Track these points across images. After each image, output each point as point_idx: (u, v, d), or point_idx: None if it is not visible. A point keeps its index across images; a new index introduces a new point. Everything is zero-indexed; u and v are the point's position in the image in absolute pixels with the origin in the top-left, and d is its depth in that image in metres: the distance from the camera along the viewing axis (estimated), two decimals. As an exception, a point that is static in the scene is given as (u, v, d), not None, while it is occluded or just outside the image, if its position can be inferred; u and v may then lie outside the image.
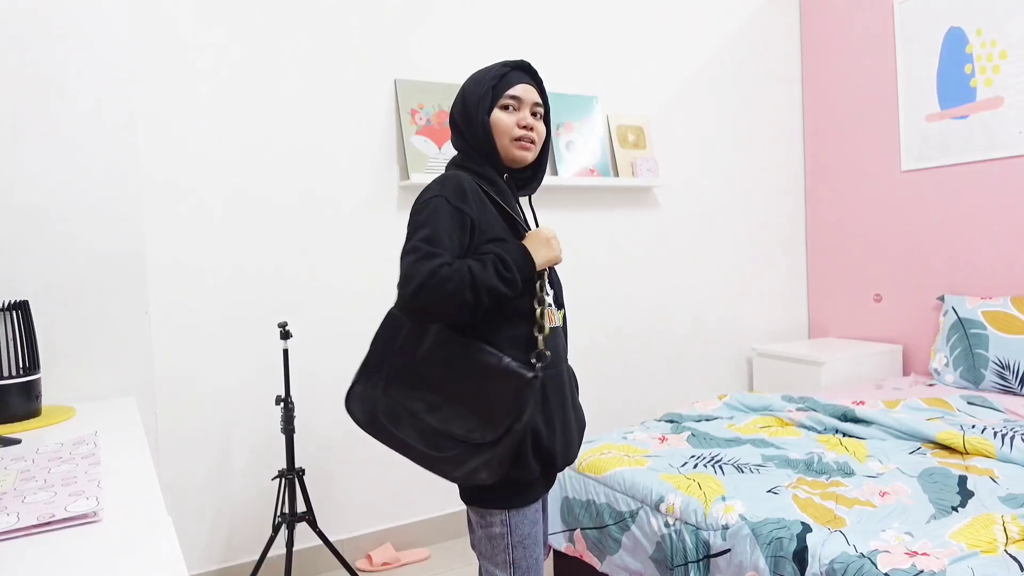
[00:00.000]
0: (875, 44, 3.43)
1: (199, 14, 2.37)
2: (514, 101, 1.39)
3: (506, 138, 1.39)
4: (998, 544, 1.46)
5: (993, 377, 2.79)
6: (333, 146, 2.60)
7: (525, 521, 1.32)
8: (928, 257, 3.27)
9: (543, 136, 1.44)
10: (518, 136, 1.39)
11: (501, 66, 1.42)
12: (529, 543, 1.33)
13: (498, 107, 1.39)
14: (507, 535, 1.32)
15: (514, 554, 1.32)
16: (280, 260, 2.51)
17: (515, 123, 1.39)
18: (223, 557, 2.43)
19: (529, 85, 1.41)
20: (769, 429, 2.41)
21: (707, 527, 1.73)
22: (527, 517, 1.33)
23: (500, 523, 1.32)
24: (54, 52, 1.65)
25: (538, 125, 1.42)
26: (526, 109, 1.40)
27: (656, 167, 3.21)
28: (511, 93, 1.39)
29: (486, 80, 1.40)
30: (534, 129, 1.40)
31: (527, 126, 1.39)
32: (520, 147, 1.39)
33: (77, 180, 1.68)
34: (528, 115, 1.40)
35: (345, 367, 2.61)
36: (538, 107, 1.42)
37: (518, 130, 1.39)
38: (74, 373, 1.68)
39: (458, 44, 2.84)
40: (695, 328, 3.47)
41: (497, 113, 1.39)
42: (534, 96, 1.41)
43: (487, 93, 1.39)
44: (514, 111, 1.39)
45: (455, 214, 1.26)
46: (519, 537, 1.32)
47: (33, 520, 0.83)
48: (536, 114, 1.42)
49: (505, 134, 1.39)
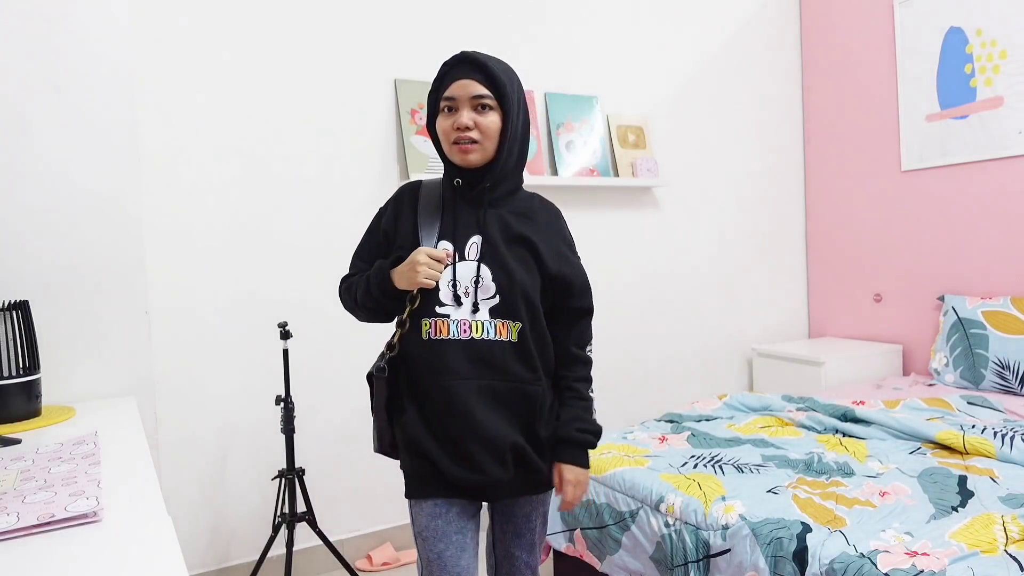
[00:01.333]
0: (875, 44, 3.43)
1: (199, 14, 2.37)
2: (450, 102, 1.34)
3: (447, 142, 1.36)
4: (998, 544, 1.46)
5: (993, 377, 2.79)
6: (333, 146, 2.60)
7: (422, 514, 1.37)
8: (928, 257, 3.27)
9: (491, 129, 1.34)
10: (455, 140, 1.34)
11: (441, 66, 1.38)
12: (428, 536, 1.36)
13: (440, 112, 1.37)
14: (412, 523, 1.41)
15: (416, 542, 1.40)
16: (280, 260, 2.51)
17: (451, 126, 1.34)
18: (223, 557, 2.43)
19: (468, 79, 1.33)
20: (769, 429, 2.41)
21: (707, 527, 1.73)
22: (424, 510, 1.37)
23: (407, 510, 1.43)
24: (54, 52, 1.65)
25: (481, 119, 1.33)
26: (465, 107, 1.33)
27: (656, 167, 3.21)
28: (446, 95, 1.34)
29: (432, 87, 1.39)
30: (475, 127, 1.33)
31: (461, 127, 1.32)
32: (459, 150, 1.34)
33: (77, 181, 1.68)
34: (467, 114, 1.32)
35: (345, 367, 2.61)
36: (482, 99, 1.33)
37: (454, 132, 1.34)
38: (74, 373, 1.68)
39: (458, 44, 2.83)
40: (695, 328, 3.47)
41: (439, 119, 1.37)
42: (474, 89, 1.32)
43: (430, 99, 1.39)
44: (452, 112, 1.35)
45: (375, 224, 1.49)
46: (418, 528, 1.39)
47: (33, 520, 0.83)
48: (483, 107, 1.33)
49: (446, 139, 1.36)
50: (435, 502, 1.37)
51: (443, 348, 1.34)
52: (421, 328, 1.35)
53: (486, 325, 1.34)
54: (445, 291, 1.34)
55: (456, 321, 1.34)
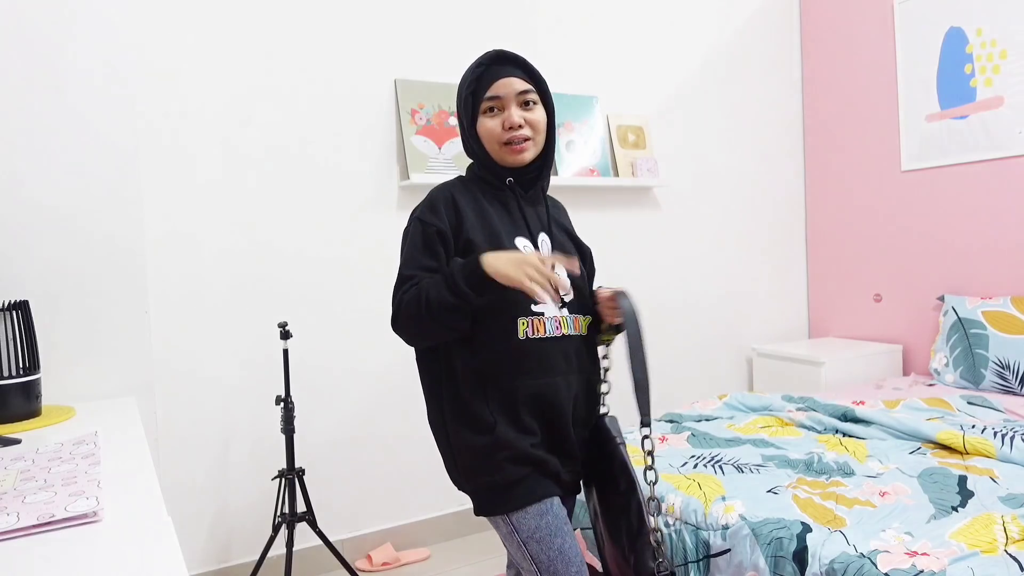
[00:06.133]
0: (875, 44, 3.42)
1: (200, 14, 2.37)
2: (495, 102, 1.32)
3: (495, 144, 1.33)
4: (998, 544, 1.46)
5: (993, 377, 2.79)
6: (333, 146, 2.60)
7: (527, 518, 1.29)
8: (928, 257, 3.27)
9: (541, 124, 1.35)
10: (506, 140, 1.32)
11: (475, 66, 1.34)
12: (541, 535, 1.29)
13: (481, 113, 1.33)
14: (515, 533, 1.30)
15: (530, 550, 1.30)
16: (280, 260, 2.51)
17: (500, 126, 1.32)
18: (223, 557, 2.43)
19: (510, 77, 1.32)
20: (769, 429, 2.41)
21: (707, 527, 1.73)
22: (528, 514, 1.29)
23: (503, 523, 1.32)
24: (54, 52, 1.65)
25: (531, 115, 1.33)
26: (512, 104, 1.32)
27: (656, 167, 3.21)
28: (490, 94, 1.31)
29: (464, 87, 1.34)
30: (526, 124, 1.32)
31: (513, 125, 1.31)
32: (512, 151, 1.33)
33: (77, 180, 1.68)
34: (515, 112, 1.31)
35: (345, 367, 2.61)
36: (527, 94, 1.33)
37: (505, 133, 1.31)
38: (74, 373, 1.68)
39: (458, 44, 2.84)
40: (695, 328, 3.47)
41: (482, 120, 1.33)
42: (519, 86, 1.32)
43: (467, 101, 1.34)
44: (498, 112, 1.32)
45: (426, 229, 1.31)
46: (525, 535, 1.29)
47: (33, 520, 0.83)
48: (528, 102, 1.33)
49: (494, 140, 1.33)
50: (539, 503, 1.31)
51: (541, 346, 1.31)
52: (517, 328, 1.29)
53: (569, 321, 1.36)
54: None
55: (551, 319, 1.33)
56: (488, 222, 1.33)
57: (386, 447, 2.70)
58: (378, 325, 2.64)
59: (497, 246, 1.29)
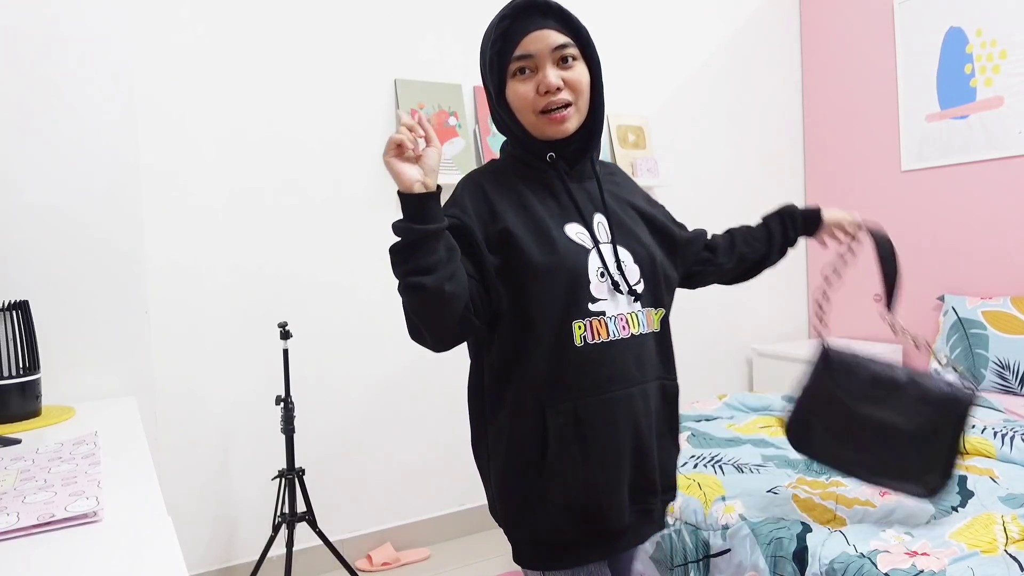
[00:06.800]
0: (875, 44, 3.42)
1: (199, 13, 2.37)
2: (526, 61, 1.06)
3: (530, 114, 1.09)
4: (998, 544, 1.46)
5: (993, 377, 2.79)
6: (333, 146, 2.60)
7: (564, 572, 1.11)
8: (928, 257, 3.27)
9: (583, 84, 1.09)
10: (543, 107, 1.07)
11: (499, 19, 1.08)
12: None
13: (510, 76, 1.08)
14: None
15: None
16: (280, 260, 2.51)
17: (534, 90, 1.07)
18: (223, 557, 2.43)
19: (543, 29, 1.06)
20: (769, 429, 2.41)
21: (707, 527, 1.73)
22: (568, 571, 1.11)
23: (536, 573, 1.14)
24: (54, 52, 1.65)
25: (570, 74, 1.07)
26: (547, 63, 1.06)
27: (656, 167, 3.21)
28: (519, 52, 1.06)
29: (488, 46, 1.09)
30: (565, 86, 1.07)
31: (550, 88, 1.06)
32: (550, 121, 1.07)
33: (77, 180, 1.68)
34: (551, 72, 1.06)
35: (345, 367, 2.61)
36: (565, 48, 1.07)
37: (540, 99, 1.07)
38: (74, 373, 1.68)
39: (458, 44, 2.84)
40: (695, 328, 3.47)
41: (511, 85, 1.08)
42: (554, 39, 1.06)
43: (493, 62, 1.09)
44: (531, 74, 1.07)
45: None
46: None
47: (33, 520, 0.83)
48: (567, 58, 1.07)
49: (528, 109, 1.08)
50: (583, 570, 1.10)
51: (603, 353, 1.07)
52: (573, 333, 1.05)
53: (640, 317, 1.12)
54: (596, 282, 1.07)
55: (614, 317, 1.08)
56: (530, 211, 1.09)
57: (386, 447, 2.70)
58: (379, 325, 2.64)
59: (544, 239, 1.06)
